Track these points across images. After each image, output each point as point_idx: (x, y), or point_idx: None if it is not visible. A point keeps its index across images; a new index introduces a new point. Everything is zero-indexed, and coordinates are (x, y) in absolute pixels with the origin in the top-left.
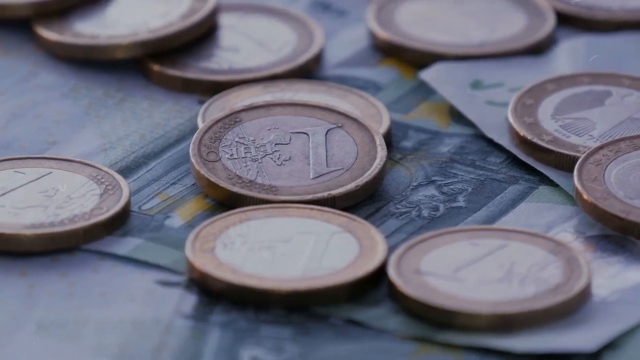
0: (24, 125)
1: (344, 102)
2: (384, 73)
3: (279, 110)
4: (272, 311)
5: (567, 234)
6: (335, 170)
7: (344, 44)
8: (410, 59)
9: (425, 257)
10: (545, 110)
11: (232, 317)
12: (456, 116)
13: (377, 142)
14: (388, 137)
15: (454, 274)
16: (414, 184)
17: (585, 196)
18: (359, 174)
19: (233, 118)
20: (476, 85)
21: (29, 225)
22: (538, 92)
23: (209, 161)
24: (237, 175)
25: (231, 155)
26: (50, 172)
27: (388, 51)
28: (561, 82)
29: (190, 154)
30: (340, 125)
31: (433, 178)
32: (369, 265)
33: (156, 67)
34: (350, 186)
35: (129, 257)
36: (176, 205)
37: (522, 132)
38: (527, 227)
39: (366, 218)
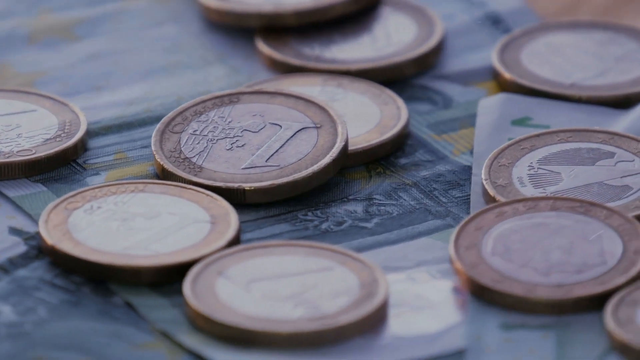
0: (101, 66)
1: (374, 106)
2: (470, 93)
3: (280, 100)
4: (69, 277)
5: (424, 274)
6: (269, 166)
7: (469, 58)
8: (506, 87)
9: (241, 263)
10: (535, 155)
11: (28, 273)
12: None
13: (333, 150)
14: (385, 149)
15: (247, 284)
16: (350, 197)
17: (457, 265)
18: (287, 174)
19: (232, 97)
20: (521, 121)
21: None
22: (545, 138)
23: (171, 131)
24: (180, 150)
25: (195, 130)
26: (35, 110)
27: (494, 74)
28: (573, 134)
29: (161, 121)
30: (318, 126)
31: (374, 196)
32: (178, 258)
33: (258, 40)
34: (265, 184)
35: (14, 200)
36: (117, 167)
37: (485, 172)
38: (400, 260)
39: (266, 217)
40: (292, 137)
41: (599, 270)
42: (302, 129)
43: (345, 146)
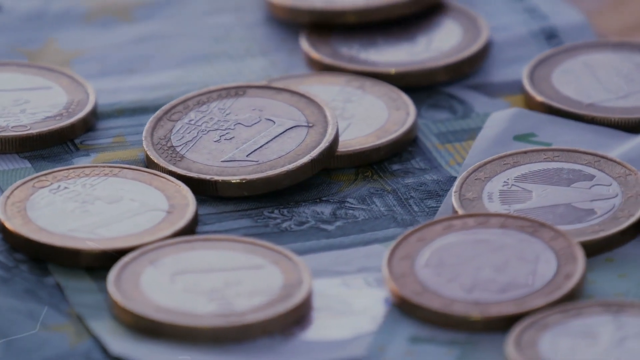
0: (143, 49)
1: (385, 110)
2: (494, 105)
3: (283, 97)
4: (14, 254)
5: (360, 281)
6: (248, 161)
7: (508, 70)
8: (528, 102)
9: (176, 255)
10: (516, 172)
11: None
12: None
13: (315, 151)
14: (378, 154)
15: (173, 276)
16: (324, 198)
17: (385, 274)
18: (262, 170)
19: (239, 90)
20: (524, 137)
21: None
22: (531, 155)
23: (168, 119)
24: (169, 138)
25: (190, 120)
26: (50, 88)
27: (521, 88)
28: (561, 153)
29: (162, 107)
30: (310, 125)
31: (347, 199)
32: (117, 244)
33: (302, 37)
34: (236, 178)
35: None
36: (111, 149)
37: (458, 185)
38: (343, 265)
39: (232, 212)
40: (281, 134)
41: (523, 291)
42: (294, 127)
43: (330, 148)
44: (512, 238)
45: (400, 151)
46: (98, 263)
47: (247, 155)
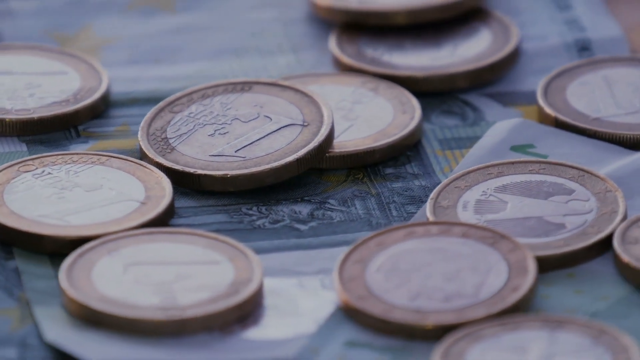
0: (176, 40)
1: (391, 114)
2: (505, 114)
3: (287, 94)
4: None
5: (316, 282)
6: (235, 157)
7: (531, 80)
8: (538, 113)
9: (137, 246)
10: (497, 182)
11: None
12: None
13: (302, 151)
14: (373, 156)
15: (127, 267)
16: (306, 198)
17: (335, 276)
18: (247, 166)
19: (245, 85)
20: (521, 148)
21: None
22: (517, 167)
23: (170, 111)
24: (165, 129)
25: (191, 113)
26: (66, 73)
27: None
28: (547, 166)
29: (166, 99)
30: (306, 124)
31: (329, 200)
32: (81, 231)
33: (332, 36)
34: (218, 172)
35: None
36: (111, 138)
37: (436, 192)
38: (304, 265)
39: (211, 206)
40: (274, 131)
41: (466, 302)
42: (289, 125)
43: (320, 148)
44: (470, 248)
45: (398, 155)
46: (62, 250)
47: (235, 151)
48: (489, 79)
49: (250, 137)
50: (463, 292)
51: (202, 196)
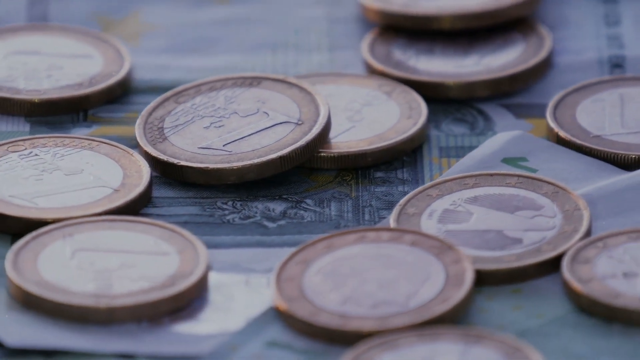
0: (218, 31)
1: (396, 118)
2: (515, 125)
3: (292, 92)
4: None
5: (263, 280)
6: (222, 151)
7: (551, 93)
8: (546, 129)
9: (93, 232)
10: (471, 193)
11: None
12: None
13: (287, 149)
14: (365, 159)
15: (75, 252)
16: (284, 196)
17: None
18: (230, 161)
19: (254, 80)
20: (513, 161)
21: None
22: (494, 179)
23: (175, 101)
24: (163, 119)
25: (193, 104)
26: (92, 57)
27: None
28: (523, 180)
29: (174, 89)
30: (300, 122)
31: (306, 200)
32: (44, 214)
33: (366, 37)
34: (200, 165)
35: None
36: (115, 124)
37: (406, 199)
38: (257, 262)
39: (187, 197)
40: (267, 128)
41: (393, 310)
42: (283, 122)
43: (307, 147)
44: (415, 257)
45: (393, 159)
46: (24, 231)
47: (223, 145)
48: (509, 90)
49: (242, 132)
50: (393, 300)
51: (184, 188)
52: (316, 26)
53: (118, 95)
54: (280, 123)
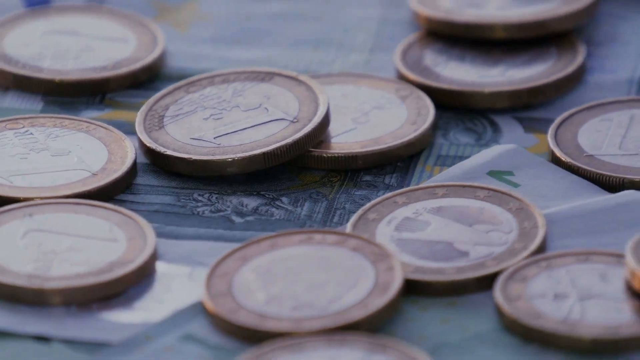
0: (268, 25)
1: (400, 123)
2: (520, 138)
3: (299, 89)
4: None
5: (204, 270)
6: (211, 143)
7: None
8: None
9: (53, 214)
10: (438, 202)
11: None
12: None
13: (271, 146)
14: (355, 162)
15: (27, 232)
16: (262, 192)
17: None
18: (216, 153)
19: (267, 75)
20: (498, 174)
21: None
22: (465, 190)
23: (186, 91)
24: (166, 107)
25: (201, 95)
26: (127, 42)
27: None
28: (492, 194)
29: (188, 78)
30: (295, 121)
31: (282, 198)
32: (15, 193)
33: (404, 41)
34: (184, 156)
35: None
36: (127, 109)
37: (370, 204)
38: (207, 256)
39: (166, 187)
40: (262, 123)
41: (313, 313)
42: (279, 119)
43: (295, 145)
44: (353, 262)
45: (386, 164)
46: None
47: (214, 137)
48: (528, 103)
49: (236, 125)
50: (315, 303)
51: (169, 177)
52: (366, 26)
53: (143, 81)
54: (276, 120)
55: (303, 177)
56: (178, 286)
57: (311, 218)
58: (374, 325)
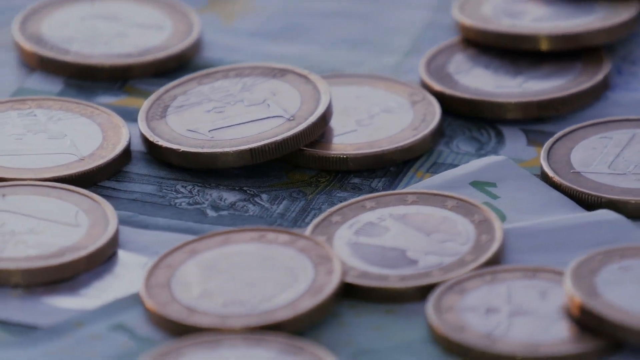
0: (318, 22)
1: (402, 127)
2: (521, 151)
3: (306, 87)
4: None
5: None
6: (205, 136)
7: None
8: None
9: (25, 196)
10: (404, 210)
11: None
12: None
13: (259, 143)
14: (346, 164)
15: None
16: (245, 187)
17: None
18: (207, 146)
19: (280, 72)
20: (480, 184)
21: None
22: (434, 199)
23: (199, 82)
24: (174, 97)
25: (211, 87)
26: (161, 29)
27: None
28: (460, 204)
29: (203, 70)
30: (291, 118)
31: (262, 194)
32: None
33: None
34: (173, 147)
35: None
36: (140, 96)
37: (337, 207)
38: (167, 248)
39: (154, 177)
40: (259, 119)
41: (241, 310)
42: (276, 116)
43: (284, 143)
44: (297, 263)
45: (378, 167)
46: None
47: (209, 130)
48: (538, 116)
49: (234, 120)
50: (246, 301)
51: (160, 167)
52: (409, 29)
53: (170, 69)
54: (274, 116)
55: (292, 176)
56: (128, 276)
57: (283, 217)
58: (301, 327)
